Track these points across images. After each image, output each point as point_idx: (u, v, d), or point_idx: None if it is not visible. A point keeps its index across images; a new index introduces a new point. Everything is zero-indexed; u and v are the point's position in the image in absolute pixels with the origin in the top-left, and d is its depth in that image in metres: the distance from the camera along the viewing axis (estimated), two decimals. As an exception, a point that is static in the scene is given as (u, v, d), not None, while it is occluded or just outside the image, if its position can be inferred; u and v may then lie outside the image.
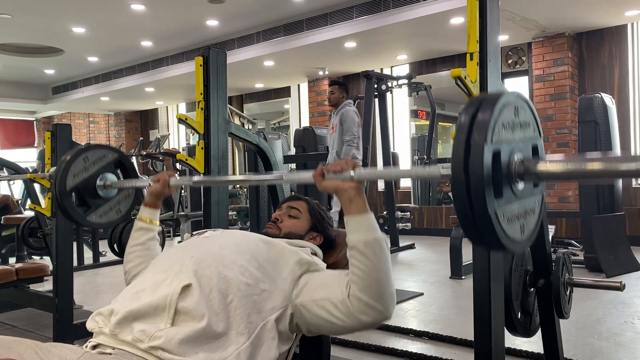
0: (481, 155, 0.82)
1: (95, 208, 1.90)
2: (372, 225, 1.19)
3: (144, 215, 1.60)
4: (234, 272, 1.22)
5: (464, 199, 0.83)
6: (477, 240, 0.87)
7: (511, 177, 0.88)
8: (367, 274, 1.16)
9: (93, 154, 1.92)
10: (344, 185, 1.18)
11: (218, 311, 1.15)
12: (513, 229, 0.89)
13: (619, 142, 4.43)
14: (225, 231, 1.46)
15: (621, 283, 1.72)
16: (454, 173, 0.83)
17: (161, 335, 1.09)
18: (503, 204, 0.86)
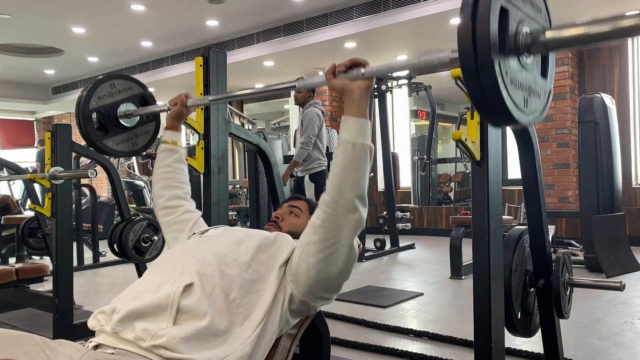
0: (489, 3, 0.80)
1: (113, 135, 1.96)
2: (366, 130, 1.20)
3: (167, 137, 1.68)
4: (236, 269, 1.23)
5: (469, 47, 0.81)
6: (480, 97, 0.84)
7: (519, 48, 0.86)
8: (345, 171, 1.18)
9: (120, 83, 2.00)
10: (353, 84, 1.20)
11: (221, 309, 1.16)
12: (516, 96, 0.87)
13: (619, 142, 4.43)
14: (227, 229, 1.47)
15: (621, 283, 1.72)
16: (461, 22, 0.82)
17: (164, 334, 1.09)
18: (508, 64, 0.84)
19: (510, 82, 0.85)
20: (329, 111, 8.22)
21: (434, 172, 7.98)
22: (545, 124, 6.19)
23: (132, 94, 2.03)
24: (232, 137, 2.10)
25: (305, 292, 1.26)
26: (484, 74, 0.82)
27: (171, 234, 1.59)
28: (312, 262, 1.23)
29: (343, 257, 1.22)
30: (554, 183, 6.16)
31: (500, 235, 1.44)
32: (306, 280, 1.25)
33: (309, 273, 1.24)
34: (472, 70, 0.82)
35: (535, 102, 0.95)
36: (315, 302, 1.31)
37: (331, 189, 1.19)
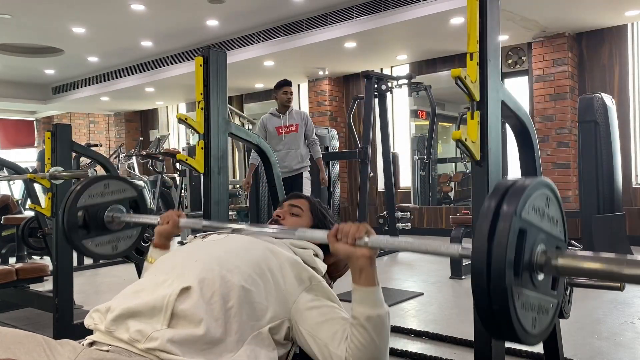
0: (508, 226, 0.79)
1: (95, 235, 1.88)
2: (378, 300, 1.18)
3: (154, 255, 1.56)
4: (237, 277, 1.20)
5: (482, 270, 0.79)
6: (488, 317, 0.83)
7: (532, 266, 0.84)
8: (365, 347, 1.15)
9: (115, 184, 1.94)
10: (357, 252, 1.15)
11: (218, 316, 1.14)
12: (526, 318, 0.85)
13: (619, 142, 4.44)
14: (230, 235, 1.44)
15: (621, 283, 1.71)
16: (477, 239, 0.81)
17: (157, 337, 1.08)
18: (521, 284, 0.82)
19: (522, 305, 0.84)
20: (329, 111, 8.21)
21: (434, 172, 7.98)
22: (545, 124, 6.19)
23: (125, 197, 1.96)
24: (232, 137, 2.10)
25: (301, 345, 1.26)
26: (496, 299, 0.80)
27: None
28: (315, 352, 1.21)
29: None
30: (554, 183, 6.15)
31: (500, 236, 1.44)
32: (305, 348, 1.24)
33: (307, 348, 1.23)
34: (484, 292, 0.80)
35: (543, 320, 0.92)
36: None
37: (352, 358, 1.15)
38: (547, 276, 0.90)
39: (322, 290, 1.29)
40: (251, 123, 7.92)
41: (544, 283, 0.89)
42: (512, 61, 6.76)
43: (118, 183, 1.95)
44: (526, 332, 0.85)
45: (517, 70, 6.73)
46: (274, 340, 1.21)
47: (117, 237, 1.95)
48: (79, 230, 1.85)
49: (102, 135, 12.45)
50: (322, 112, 8.25)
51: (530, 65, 6.44)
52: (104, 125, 12.53)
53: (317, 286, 1.29)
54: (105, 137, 12.41)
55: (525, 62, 6.61)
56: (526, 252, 0.83)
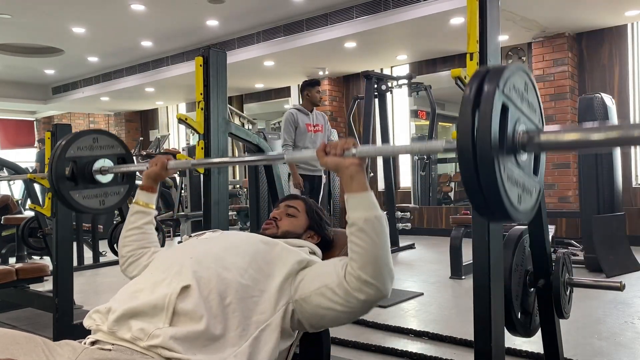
0: (492, 99, 0.82)
1: (82, 188, 1.91)
2: (372, 202, 1.19)
3: (140, 198, 1.58)
4: (233, 274, 1.22)
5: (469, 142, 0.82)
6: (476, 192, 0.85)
7: (515, 147, 0.88)
8: (366, 250, 1.16)
9: (104, 139, 1.96)
10: (346, 162, 1.19)
11: (216, 313, 1.15)
12: (512, 192, 0.88)
13: (619, 142, 4.43)
14: (224, 232, 1.46)
15: (621, 283, 1.72)
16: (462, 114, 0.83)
17: (160, 334, 1.09)
18: (506, 158, 0.86)
19: (508, 178, 0.86)
20: (329, 111, 8.21)
21: (434, 172, 7.98)
22: (546, 124, 6.18)
23: (113, 153, 1.98)
24: (232, 137, 2.10)
25: (306, 321, 1.26)
26: (483, 171, 0.82)
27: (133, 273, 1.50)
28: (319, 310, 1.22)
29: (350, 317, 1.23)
30: (554, 183, 6.15)
31: (500, 235, 1.44)
32: (310, 315, 1.24)
33: (317, 312, 1.23)
34: (471, 166, 0.83)
35: (527, 200, 0.96)
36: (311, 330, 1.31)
37: (358, 268, 1.16)
38: (529, 156, 0.94)
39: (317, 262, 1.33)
40: (251, 123, 7.92)
41: (527, 164, 0.94)
42: (512, 61, 6.76)
43: (107, 138, 1.96)
44: (512, 206, 0.88)
45: (517, 70, 6.72)
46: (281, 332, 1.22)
47: (104, 192, 1.97)
48: (67, 181, 1.88)
49: (102, 135, 12.43)
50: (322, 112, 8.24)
51: (530, 65, 6.44)
52: (104, 125, 12.53)
53: (312, 262, 1.32)
54: (105, 137, 12.39)
55: (525, 62, 6.61)
56: (509, 130, 0.86)
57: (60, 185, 1.86)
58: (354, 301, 1.17)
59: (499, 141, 0.83)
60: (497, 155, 0.82)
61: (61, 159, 1.86)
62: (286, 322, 1.23)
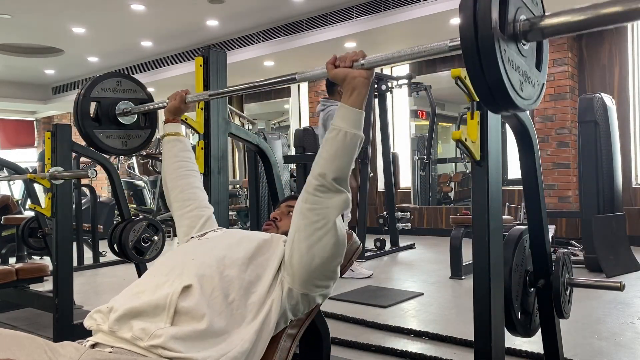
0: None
1: (106, 128, 1.97)
2: (360, 121, 1.23)
3: (169, 129, 1.68)
4: (235, 270, 1.24)
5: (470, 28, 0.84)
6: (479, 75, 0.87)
7: (516, 35, 0.89)
8: (334, 156, 1.21)
9: (127, 83, 2.03)
10: (354, 72, 1.22)
11: (220, 310, 1.17)
12: (513, 77, 0.90)
13: (619, 142, 4.43)
14: (226, 231, 1.47)
15: (621, 283, 1.72)
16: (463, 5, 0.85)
17: (161, 334, 1.09)
18: (507, 46, 0.87)
19: (509, 62, 0.88)
20: (329, 111, 8.21)
21: (434, 172, 7.98)
22: (545, 124, 6.19)
23: (136, 97, 2.05)
24: (232, 137, 2.10)
25: (303, 282, 1.27)
26: (484, 53, 0.84)
27: (183, 229, 1.57)
28: (303, 248, 1.24)
29: (333, 238, 1.24)
30: (554, 183, 6.15)
31: (500, 235, 1.44)
32: (301, 270, 1.25)
33: (303, 261, 1.24)
34: (473, 51, 0.85)
35: (529, 88, 0.98)
36: (314, 292, 1.31)
37: (316, 171, 1.22)
38: (531, 46, 0.96)
39: None
40: (251, 123, 7.92)
41: (528, 53, 0.95)
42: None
43: (130, 83, 2.04)
44: (514, 90, 0.90)
45: (517, 70, 6.72)
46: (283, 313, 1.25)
47: (127, 134, 2.04)
48: (91, 121, 1.94)
49: (102, 135, 12.44)
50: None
51: (530, 65, 6.44)
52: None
53: None
54: (105, 137, 12.40)
55: (525, 62, 6.61)
56: (509, 17, 0.87)
57: (85, 123, 1.92)
58: (322, 209, 1.21)
59: (499, 26, 0.85)
60: (498, 39, 0.84)
61: (86, 97, 1.92)
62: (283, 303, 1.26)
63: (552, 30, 0.89)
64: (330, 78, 1.25)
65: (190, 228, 1.55)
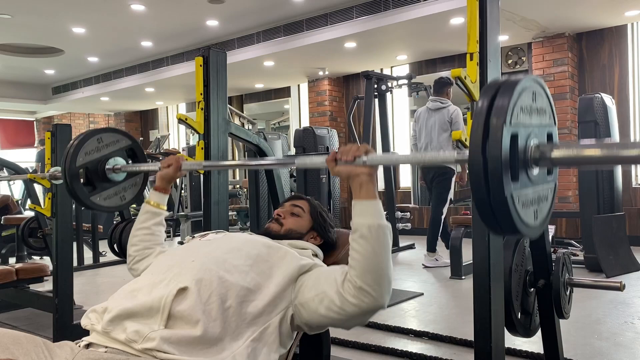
0: (500, 137, 0.82)
1: (101, 190, 1.92)
2: (379, 211, 1.18)
3: (153, 199, 1.58)
4: (234, 276, 1.21)
5: (480, 181, 0.83)
6: (491, 223, 0.87)
7: (527, 162, 0.88)
8: (366, 258, 1.14)
9: (108, 136, 1.95)
10: (357, 170, 1.18)
11: (216, 317, 1.14)
12: (527, 214, 0.89)
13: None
14: (227, 234, 1.45)
15: (621, 283, 1.72)
16: (472, 155, 0.84)
17: (155, 337, 1.08)
18: (519, 188, 0.86)
19: (522, 205, 0.87)
20: (329, 111, 8.21)
21: (434, 172, 7.97)
22: (545, 124, 6.18)
23: (120, 147, 1.97)
24: (232, 137, 2.10)
25: (306, 324, 1.25)
26: (497, 208, 0.84)
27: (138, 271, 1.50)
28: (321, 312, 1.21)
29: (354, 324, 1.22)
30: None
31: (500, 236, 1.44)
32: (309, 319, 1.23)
33: (314, 317, 1.22)
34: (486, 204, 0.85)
35: (544, 207, 0.96)
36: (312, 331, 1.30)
37: (356, 275, 1.15)
38: (542, 168, 0.93)
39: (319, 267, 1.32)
40: (251, 123, 7.91)
41: (540, 175, 0.93)
42: (512, 61, 6.76)
43: (111, 135, 1.96)
44: (528, 227, 0.89)
45: (517, 70, 6.73)
46: (280, 334, 1.21)
47: (122, 188, 1.98)
48: (84, 188, 1.89)
49: (102, 135, 12.43)
50: (322, 112, 8.24)
51: (530, 65, 6.44)
52: (104, 126, 12.53)
53: (313, 266, 1.31)
54: (105, 137, 12.39)
55: (525, 62, 6.61)
56: (520, 151, 0.86)
57: (80, 194, 1.87)
58: (350, 309, 1.16)
59: (511, 175, 0.84)
60: (510, 189, 0.83)
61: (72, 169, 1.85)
62: (285, 326, 1.23)
63: (562, 161, 0.88)
64: (333, 174, 1.22)
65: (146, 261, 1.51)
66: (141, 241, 1.54)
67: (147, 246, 1.53)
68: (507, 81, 0.89)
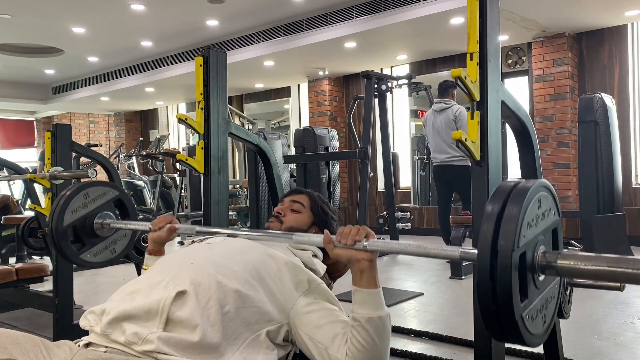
0: (509, 262, 0.80)
1: (90, 246, 1.87)
2: (379, 302, 1.17)
3: (149, 264, 1.53)
4: (233, 282, 1.20)
5: (489, 304, 0.82)
6: (500, 340, 0.87)
7: (534, 270, 0.86)
8: (365, 349, 1.14)
9: (94, 190, 1.89)
10: (357, 255, 1.15)
11: (214, 321, 1.14)
12: (536, 326, 0.88)
13: (619, 142, 4.43)
14: (227, 239, 1.43)
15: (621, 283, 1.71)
16: (480, 276, 0.82)
17: (153, 339, 1.08)
18: (528, 305, 0.85)
19: (532, 320, 0.86)
20: (329, 111, 8.21)
21: (434, 172, 7.97)
22: (545, 124, 6.19)
23: (107, 199, 1.93)
24: (232, 137, 2.10)
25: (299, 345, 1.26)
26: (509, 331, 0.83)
27: None
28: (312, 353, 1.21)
29: None
30: (554, 183, 6.15)
31: (500, 236, 1.44)
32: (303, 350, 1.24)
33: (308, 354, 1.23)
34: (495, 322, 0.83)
35: (551, 308, 0.95)
36: None
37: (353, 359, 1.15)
38: (548, 276, 0.91)
39: (321, 292, 1.29)
40: (251, 123, 7.91)
41: (546, 279, 0.91)
42: (512, 61, 6.76)
43: (96, 189, 1.91)
44: (536, 336, 0.88)
45: (517, 70, 6.73)
46: (272, 343, 1.21)
47: (112, 241, 1.93)
48: (72, 246, 1.83)
49: (102, 135, 12.45)
50: (322, 112, 8.24)
51: (530, 65, 6.44)
52: (104, 125, 12.53)
53: (316, 289, 1.28)
54: (105, 137, 12.41)
55: (525, 62, 6.61)
56: (528, 266, 0.85)
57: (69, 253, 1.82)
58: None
59: (521, 297, 0.83)
60: (521, 313, 0.82)
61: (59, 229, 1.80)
62: (279, 338, 1.23)
63: (569, 273, 0.87)
64: (332, 257, 1.19)
65: None
66: None
67: None
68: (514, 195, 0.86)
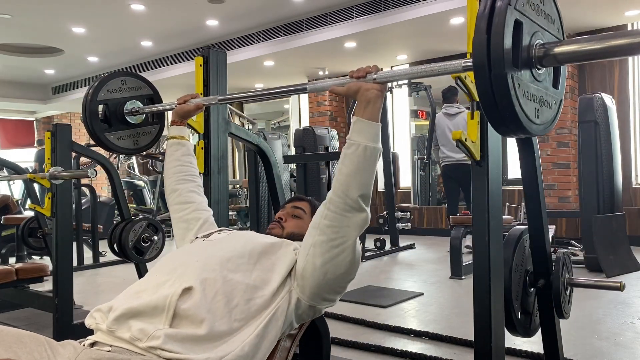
0: (504, 16, 0.82)
1: (117, 129, 1.99)
2: (377, 134, 1.23)
3: (174, 132, 1.70)
4: (239, 275, 1.22)
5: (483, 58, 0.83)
6: (492, 108, 0.86)
7: (531, 60, 0.88)
8: (354, 172, 1.20)
9: (132, 80, 2.04)
10: (368, 85, 1.23)
11: (222, 315, 1.15)
12: (529, 107, 0.89)
13: (619, 142, 4.43)
14: (231, 233, 1.45)
15: (621, 283, 1.71)
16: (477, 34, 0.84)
17: (160, 335, 1.08)
18: (521, 76, 0.86)
19: (523, 94, 0.87)
20: (329, 111, 8.21)
21: (434, 172, 7.98)
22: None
23: (142, 94, 2.06)
24: (232, 137, 2.10)
25: (312, 294, 1.26)
26: (497, 87, 0.83)
27: (179, 231, 1.58)
28: (318, 263, 1.23)
29: (349, 257, 1.24)
30: (554, 183, 6.15)
31: (500, 235, 1.44)
32: (313, 283, 1.25)
33: (315, 275, 1.24)
34: (486, 83, 0.84)
35: (546, 112, 0.97)
36: (321, 305, 1.31)
37: (339, 189, 1.21)
38: (547, 70, 0.94)
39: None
40: (251, 123, 7.91)
41: (545, 76, 0.94)
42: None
43: (134, 80, 2.05)
44: (529, 120, 0.89)
45: (517, 70, 6.72)
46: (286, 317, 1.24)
47: (137, 132, 2.05)
48: (100, 124, 1.95)
49: (102, 135, 12.43)
50: (322, 112, 8.25)
51: (530, 65, 6.44)
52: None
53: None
54: (105, 137, 12.39)
55: (525, 62, 6.61)
56: (524, 45, 0.86)
57: (96, 127, 1.93)
58: (341, 228, 1.21)
59: (512, 58, 0.83)
60: (511, 72, 0.83)
61: (93, 101, 1.92)
62: (290, 312, 1.25)
63: (567, 58, 0.88)
64: (344, 92, 1.27)
65: (187, 230, 1.56)
66: (175, 173, 1.64)
67: (181, 177, 1.63)
68: None
